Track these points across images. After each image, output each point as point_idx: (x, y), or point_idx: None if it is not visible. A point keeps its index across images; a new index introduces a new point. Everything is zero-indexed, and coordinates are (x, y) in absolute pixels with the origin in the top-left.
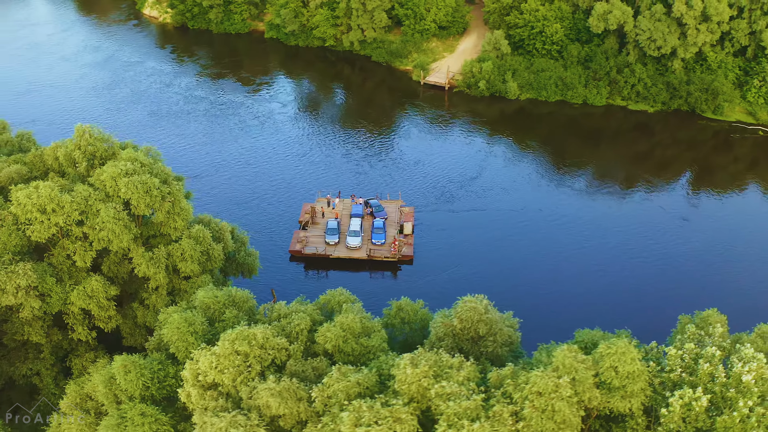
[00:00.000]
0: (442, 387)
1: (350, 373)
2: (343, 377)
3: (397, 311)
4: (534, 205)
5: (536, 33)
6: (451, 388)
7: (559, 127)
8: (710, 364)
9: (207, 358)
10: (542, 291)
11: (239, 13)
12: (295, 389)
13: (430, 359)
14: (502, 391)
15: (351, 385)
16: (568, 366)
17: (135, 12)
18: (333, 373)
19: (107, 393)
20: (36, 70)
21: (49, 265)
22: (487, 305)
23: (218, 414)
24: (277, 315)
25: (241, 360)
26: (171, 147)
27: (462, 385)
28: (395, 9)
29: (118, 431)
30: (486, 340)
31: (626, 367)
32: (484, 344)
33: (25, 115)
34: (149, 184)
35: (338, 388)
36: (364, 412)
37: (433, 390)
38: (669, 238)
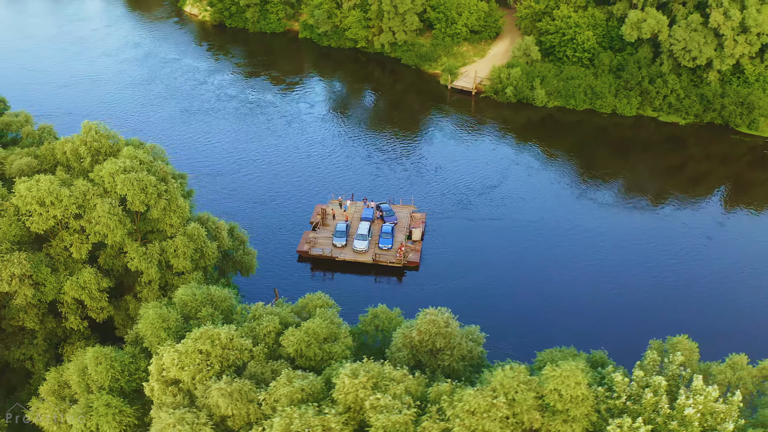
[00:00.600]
0: (377, 399)
1: (296, 379)
2: (289, 383)
3: (372, 318)
4: (552, 216)
5: (567, 40)
6: (385, 400)
7: (587, 136)
8: (655, 394)
9: (170, 354)
10: (548, 305)
11: (275, 12)
12: (247, 391)
13: (372, 370)
14: (437, 407)
15: (295, 391)
16: (506, 386)
17: (177, 9)
18: (281, 378)
19: (80, 382)
20: (78, 64)
21: (47, 255)
22: (448, 318)
23: (169, 410)
24: (252, 315)
25: (202, 358)
26: (197, 144)
27: (397, 398)
28: (427, 12)
29: (83, 420)
30: (443, 354)
31: (570, 390)
32: (441, 357)
33: (62, 107)
34: (145, 182)
35: (282, 393)
36: (295, 419)
37: (368, 401)
38: (691, 256)
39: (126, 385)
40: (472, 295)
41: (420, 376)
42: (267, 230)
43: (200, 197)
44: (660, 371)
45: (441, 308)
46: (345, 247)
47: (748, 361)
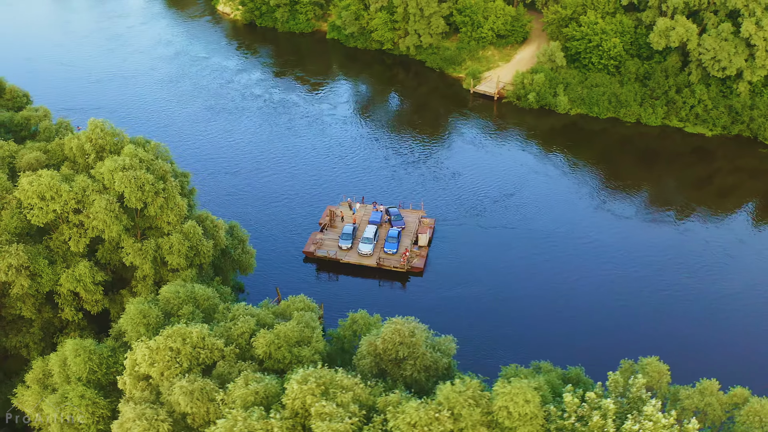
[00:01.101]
0: (322, 406)
1: (252, 381)
2: (245, 385)
3: (351, 323)
4: (567, 227)
5: (593, 47)
6: (330, 408)
7: (609, 145)
8: (603, 417)
9: (142, 350)
10: (551, 317)
11: (304, 13)
12: (209, 390)
13: (324, 377)
14: (381, 418)
15: (249, 393)
16: (451, 400)
17: (210, 8)
18: (239, 380)
19: (60, 372)
20: (111, 61)
21: (47, 247)
22: (413, 328)
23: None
24: (233, 315)
25: (172, 356)
26: (219, 142)
27: (343, 406)
28: (453, 15)
29: (58, 409)
30: (406, 363)
31: (519, 408)
32: (404, 367)
33: (93, 102)
34: (143, 180)
35: (237, 395)
36: (239, 421)
37: (313, 408)
38: (707, 274)
39: (103, 378)
40: (474, 303)
41: (378, 385)
42: (277, 229)
43: (215, 195)
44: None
45: (408, 318)
46: (350, 249)
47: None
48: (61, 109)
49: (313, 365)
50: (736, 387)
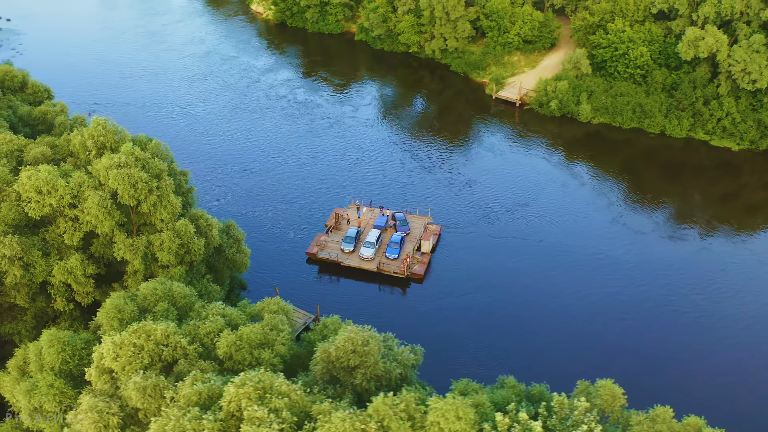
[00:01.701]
0: (254, 410)
1: (198, 381)
2: (191, 385)
3: (322, 328)
4: (580, 240)
5: (619, 55)
6: (262, 413)
7: (631, 156)
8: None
9: (107, 344)
10: (548, 332)
11: (333, 14)
12: (162, 387)
13: (263, 381)
14: (311, 426)
15: (192, 393)
16: (381, 413)
17: (244, 7)
18: (187, 379)
19: (36, 361)
20: (144, 57)
21: (42, 240)
22: (368, 338)
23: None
24: (206, 314)
25: (134, 351)
26: (238, 140)
27: (275, 412)
28: (480, 20)
29: (28, 396)
30: (358, 372)
31: (450, 425)
32: (355, 375)
33: (122, 97)
34: (136, 178)
35: (182, 394)
36: (171, 420)
37: (246, 412)
38: (722, 295)
39: (75, 369)
40: (472, 313)
41: (316, 392)
42: (285, 229)
43: (228, 192)
44: (568, 415)
45: (365, 326)
46: (352, 253)
47: (673, 414)
48: (90, 102)
49: (271, 368)
50: (692, 416)
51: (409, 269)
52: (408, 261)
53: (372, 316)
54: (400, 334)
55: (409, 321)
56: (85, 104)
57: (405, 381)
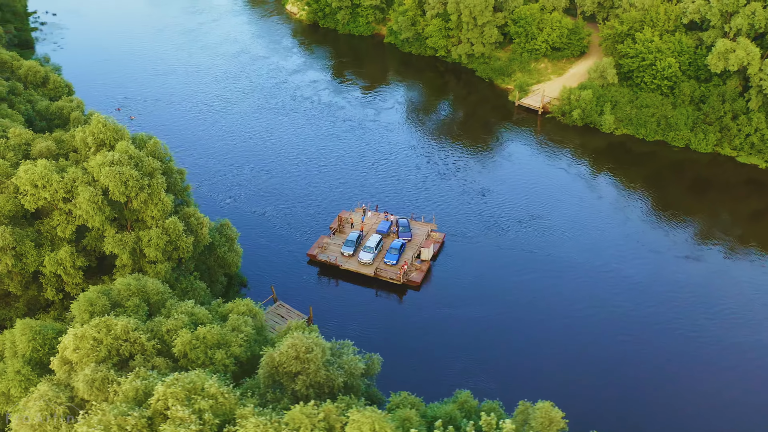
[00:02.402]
0: (177, 410)
1: (138, 378)
2: (130, 381)
3: (287, 330)
4: (591, 255)
5: (647, 65)
6: (184, 413)
7: (654, 170)
8: None
9: (69, 336)
10: (543, 347)
11: (364, 16)
12: (111, 381)
13: (194, 382)
14: (228, 429)
15: (130, 389)
16: (296, 421)
17: (279, 7)
18: (131, 375)
19: (10, 348)
20: (178, 55)
21: (37, 231)
22: (311, 345)
23: (44, 384)
24: (176, 312)
25: (93, 344)
26: (259, 140)
27: (197, 413)
28: (508, 26)
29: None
30: (298, 378)
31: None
32: (296, 381)
33: (151, 93)
34: (127, 175)
35: (122, 389)
36: (97, 414)
37: (170, 411)
38: (730, 320)
39: (45, 358)
40: (466, 324)
41: (264, 398)
42: (292, 229)
43: (241, 190)
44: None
45: (312, 333)
46: (352, 257)
47: None
48: (121, 97)
49: (224, 368)
50: None
51: (406, 276)
52: (405, 268)
53: (364, 321)
54: (387, 340)
55: (399, 329)
56: (116, 99)
57: (351, 390)
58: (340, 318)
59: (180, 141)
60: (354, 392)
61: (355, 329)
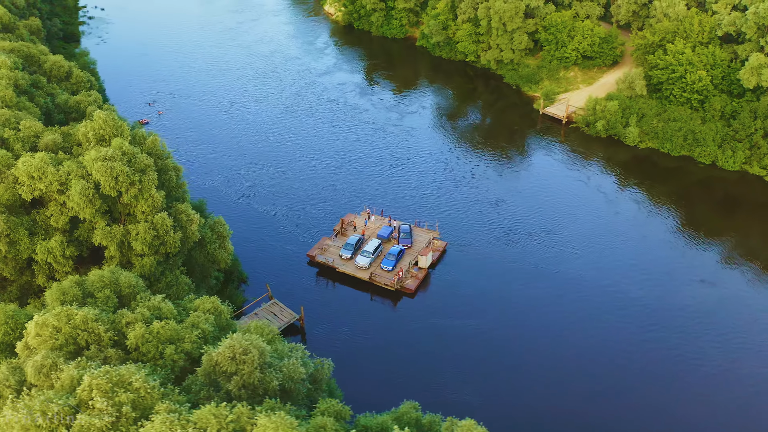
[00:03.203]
0: (97, 401)
1: (77, 368)
2: (69, 370)
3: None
4: (601, 275)
5: (676, 78)
6: (102, 404)
7: (677, 187)
8: None
9: (32, 323)
10: (528, 368)
11: (398, 19)
12: (57, 368)
13: (120, 375)
14: (140, 423)
15: (66, 378)
16: (204, 421)
17: (318, 7)
18: (72, 364)
19: None
20: (214, 53)
21: (33, 220)
22: (248, 347)
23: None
24: (142, 305)
25: (52, 332)
26: (280, 139)
27: (116, 406)
28: (539, 32)
29: None
30: (233, 378)
31: None
32: (231, 381)
33: (182, 89)
34: (118, 171)
35: (62, 377)
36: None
37: (91, 401)
38: (739, 350)
39: (15, 342)
40: (455, 337)
41: (198, 395)
42: (298, 229)
43: (254, 188)
44: None
45: (252, 336)
46: (350, 260)
47: None
48: (153, 92)
49: (172, 363)
50: None
51: (400, 283)
52: (400, 274)
53: (355, 325)
54: (375, 346)
55: (389, 335)
56: (148, 93)
57: (288, 394)
58: (332, 320)
59: (203, 137)
60: (292, 397)
61: (346, 332)
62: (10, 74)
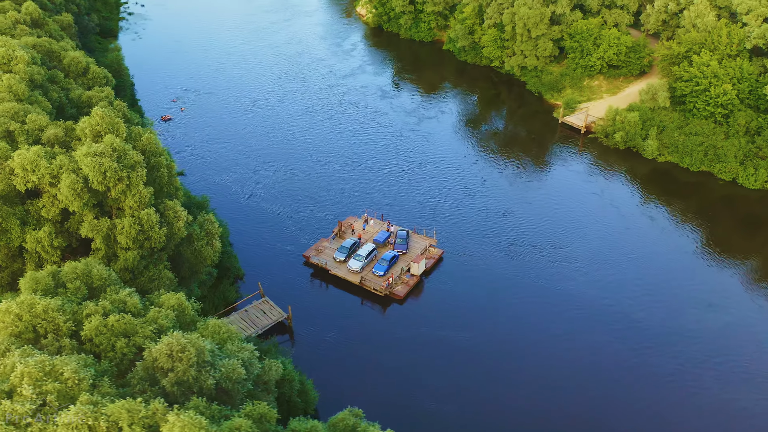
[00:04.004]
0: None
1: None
2: (13, 357)
3: (202, 330)
4: (604, 294)
5: (700, 90)
6: (28, 391)
7: (693, 204)
8: None
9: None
10: (509, 387)
11: (426, 22)
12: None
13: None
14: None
15: (8, 364)
16: (116, 414)
17: (351, 8)
18: (17, 351)
19: None
20: (243, 52)
21: (26, 210)
22: (185, 345)
23: None
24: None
25: (13, 319)
26: (295, 140)
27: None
28: (564, 39)
29: None
30: (169, 375)
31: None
32: (166, 378)
33: (209, 86)
34: (106, 167)
35: (4, 364)
36: None
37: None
38: (744, 383)
39: None
40: (439, 347)
41: (132, 389)
42: (300, 230)
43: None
44: None
45: (192, 335)
46: (343, 263)
47: None
48: (179, 88)
49: (122, 356)
50: None
51: (390, 289)
52: (390, 280)
53: (342, 328)
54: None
55: (374, 340)
56: (175, 89)
57: (227, 393)
58: (320, 321)
59: (221, 134)
60: (231, 396)
61: (332, 335)
62: (26, 69)
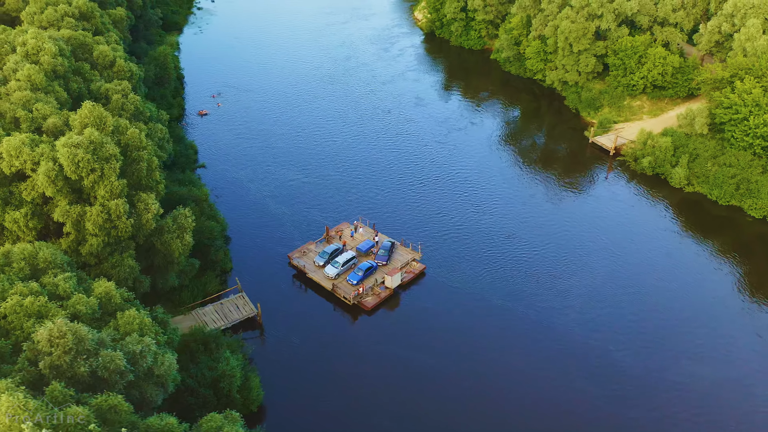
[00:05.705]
0: None
1: None
2: None
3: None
4: (597, 335)
5: (739, 119)
6: None
7: (718, 241)
8: None
9: None
10: (465, 418)
11: (477, 30)
12: None
13: None
14: None
15: None
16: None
17: (408, 12)
18: None
19: None
20: (292, 52)
21: (10, 192)
22: (66, 331)
23: None
24: (43, 280)
25: None
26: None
27: None
28: (608, 56)
29: None
30: (45, 358)
31: None
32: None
33: (250, 83)
34: (79, 158)
35: None
36: None
37: None
38: None
39: None
40: (401, 364)
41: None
42: (297, 232)
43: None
44: None
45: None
46: (322, 267)
47: None
48: (222, 83)
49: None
50: None
51: (357, 299)
52: (360, 290)
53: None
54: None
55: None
56: (218, 84)
57: (104, 381)
58: (291, 322)
59: (249, 131)
60: (109, 385)
61: (298, 337)
62: (50, 60)
